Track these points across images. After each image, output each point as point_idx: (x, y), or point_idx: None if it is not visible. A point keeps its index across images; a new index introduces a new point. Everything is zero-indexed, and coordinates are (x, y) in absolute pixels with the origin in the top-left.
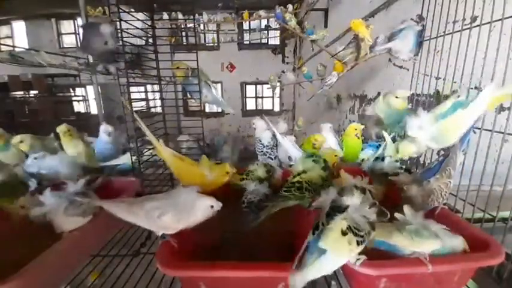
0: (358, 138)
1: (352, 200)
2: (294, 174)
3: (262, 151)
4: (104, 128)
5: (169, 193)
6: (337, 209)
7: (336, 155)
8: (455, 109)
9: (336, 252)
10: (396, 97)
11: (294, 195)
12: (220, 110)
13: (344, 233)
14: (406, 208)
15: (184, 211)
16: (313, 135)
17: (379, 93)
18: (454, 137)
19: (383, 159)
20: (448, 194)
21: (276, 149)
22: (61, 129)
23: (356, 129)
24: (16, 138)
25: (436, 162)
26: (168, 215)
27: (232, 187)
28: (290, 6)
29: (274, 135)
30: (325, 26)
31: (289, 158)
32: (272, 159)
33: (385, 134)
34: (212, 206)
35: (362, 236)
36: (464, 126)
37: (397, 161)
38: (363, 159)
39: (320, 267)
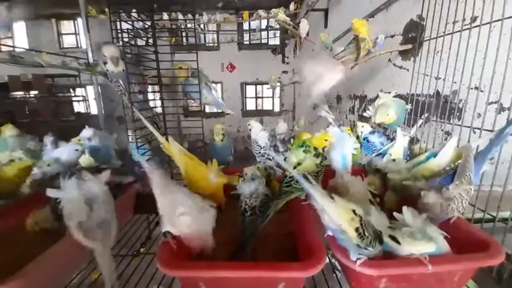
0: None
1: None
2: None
3: (259, 152)
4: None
5: (191, 195)
6: None
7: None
8: (428, 158)
9: (337, 212)
10: (387, 114)
11: (296, 188)
12: (220, 110)
13: (354, 212)
14: (406, 210)
15: (200, 221)
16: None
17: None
18: None
19: (383, 156)
20: (467, 202)
21: (273, 150)
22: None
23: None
24: None
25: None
26: (188, 217)
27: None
28: (292, 6)
29: (271, 136)
30: (325, 26)
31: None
32: (270, 159)
33: (399, 132)
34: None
35: (365, 232)
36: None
37: (394, 160)
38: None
39: (322, 200)
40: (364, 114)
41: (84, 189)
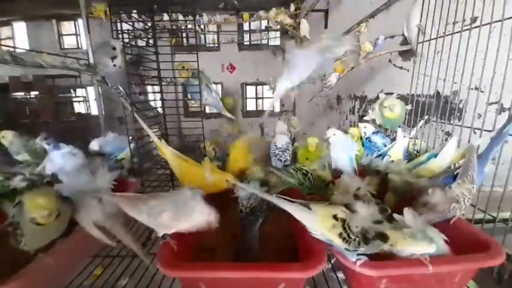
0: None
1: (362, 209)
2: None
3: (274, 152)
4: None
5: (174, 192)
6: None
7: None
8: (429, 159)
9: (318, 220)
10: (391, 110)
11: (298, 177)
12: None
13: (335, 218)
14: (407, 212)
15: (184, 212)
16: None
17: (380, 93)
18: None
19: (383, 157)
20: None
21: (288, 153)
22: None
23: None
24: None
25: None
26: (167, 213)
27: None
28: (292, 7)
29: (290, 139)
30: (325, 27)
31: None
32: (281, 161)
33: (399, 133)
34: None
35: (349, 236)
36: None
37: (393, 161)
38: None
39: (298, 212)
40: (365, 118)
41: (92, 185)
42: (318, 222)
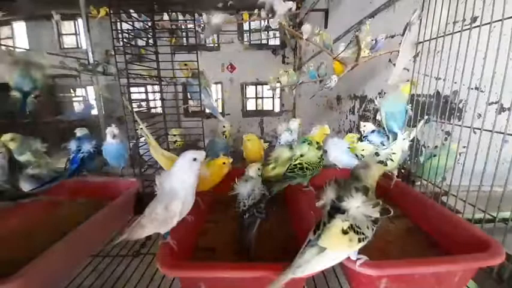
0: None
1: (352, 202)
2: (295, 158)
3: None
4: (109, 130)
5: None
6: (337, 208)
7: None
8: None
9: (335, 250)
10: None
11: (298, 174)
12: (220, 111)
13: (345, 232)
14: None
15: (168, 193)
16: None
17: (379, 94)
18: None
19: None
20: None
21: None
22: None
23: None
24: (6, 136)
25: None
26: (157, 209)
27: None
28: (290, 3)
29: (292, 138)
30: (325, 26)
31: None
32: None
33: (399, 135)
34: (195, 159)
35: (363, 233)
36: None
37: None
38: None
39: (318, 263)
40: (376, 102)
41: None
42: (336, 254)
